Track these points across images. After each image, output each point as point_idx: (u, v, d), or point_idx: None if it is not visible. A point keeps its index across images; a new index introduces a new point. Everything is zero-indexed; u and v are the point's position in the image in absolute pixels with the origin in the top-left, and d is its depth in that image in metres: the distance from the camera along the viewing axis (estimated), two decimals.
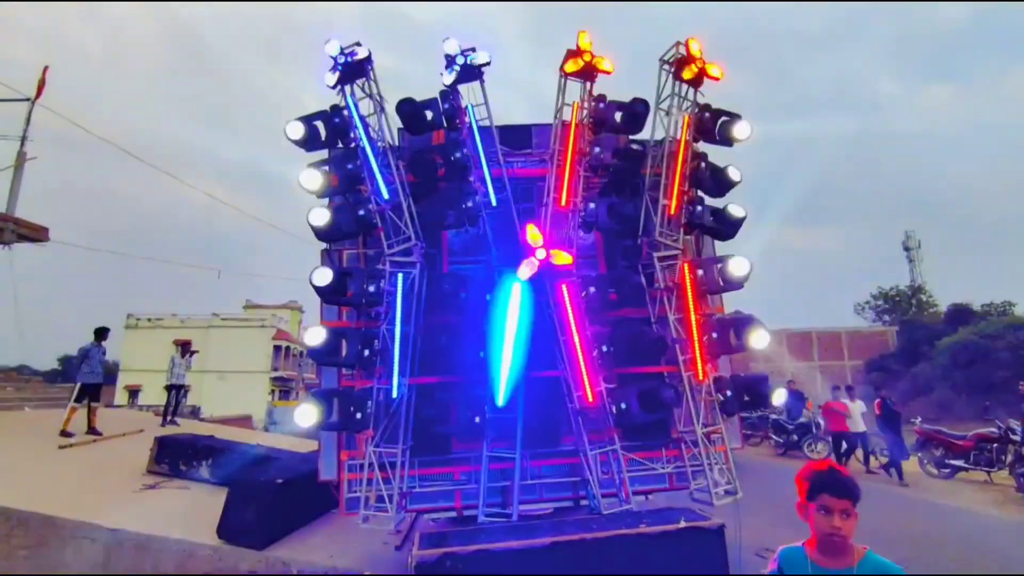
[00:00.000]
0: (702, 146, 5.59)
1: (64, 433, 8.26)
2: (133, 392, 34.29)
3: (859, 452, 11.37)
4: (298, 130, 4.97)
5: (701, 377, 4.99)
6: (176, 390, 11.10)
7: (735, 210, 5.39)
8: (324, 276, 4.67)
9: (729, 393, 5.07)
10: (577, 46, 5.12)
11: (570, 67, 5.15)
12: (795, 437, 13.64)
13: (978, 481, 9.57)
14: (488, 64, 5.07)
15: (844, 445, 11.21)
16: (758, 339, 4.82)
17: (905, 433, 12.01)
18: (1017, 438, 8.90)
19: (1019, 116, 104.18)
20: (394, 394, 4.63)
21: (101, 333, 8.98)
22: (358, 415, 4.64)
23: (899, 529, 6.63)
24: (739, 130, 5.34)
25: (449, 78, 4.99)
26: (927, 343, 25.65)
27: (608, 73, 5.16)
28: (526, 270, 4.66)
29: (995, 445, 9.50)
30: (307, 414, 4.52)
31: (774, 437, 14.47)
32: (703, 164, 5.48)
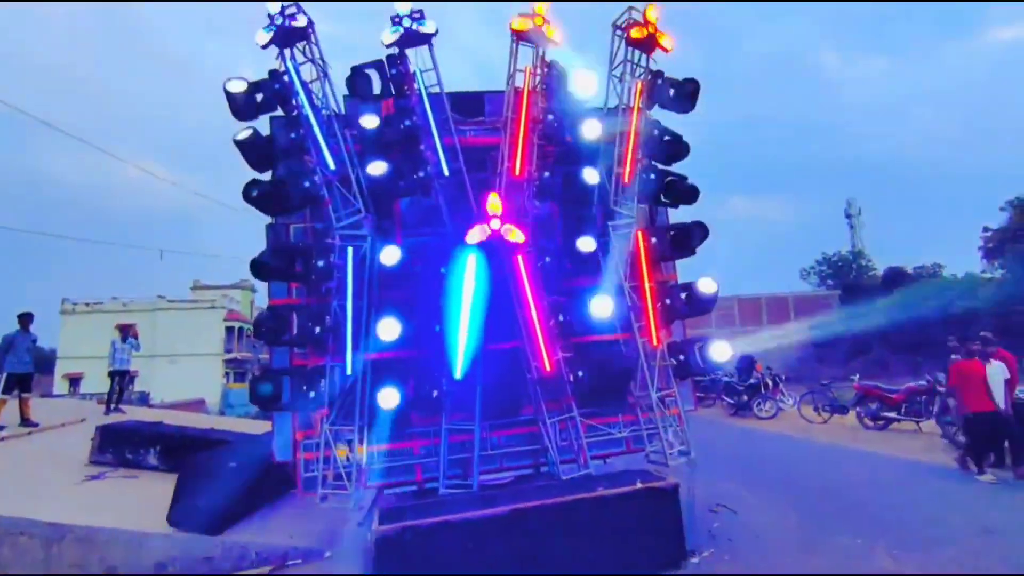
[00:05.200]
0: (655, 113, 5.58)
1: None
2: (74, 380, 32.58)
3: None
4: (238, 86, 4.69)
5: (655, 343, 5.09)
6: (120, 376, 10.57)
7: (688, 184, 5.44)
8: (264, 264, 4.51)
9: (682, 357, 5.20)
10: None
11: (518, 24, 5.03)
12: (745, 398, 14.33)
13: (908, 431, 10.29)
14: (435, 34, 4.87)
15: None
16: (706, 285, 5.04)
17: (848, 390, 12.66)
18: (943, 389, 9.58)
19: (950, 86, 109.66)
20: (348, 371, 4.52)
21: (26, 319, 8.39)
22: (311, 394, 4.53)
23: (834, 477, 7.09)
24: (690, 97, 5.35)
25: (391, 37, 4.78)
26: (866, 305, 27.17)
27: (557, 44, 5.07)
28: (477, 234, 4.59)
29: (924, 397, 10.21)
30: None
31: (726, 399, 15.14)
32: (656, 131, 5.48)
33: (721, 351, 5.06)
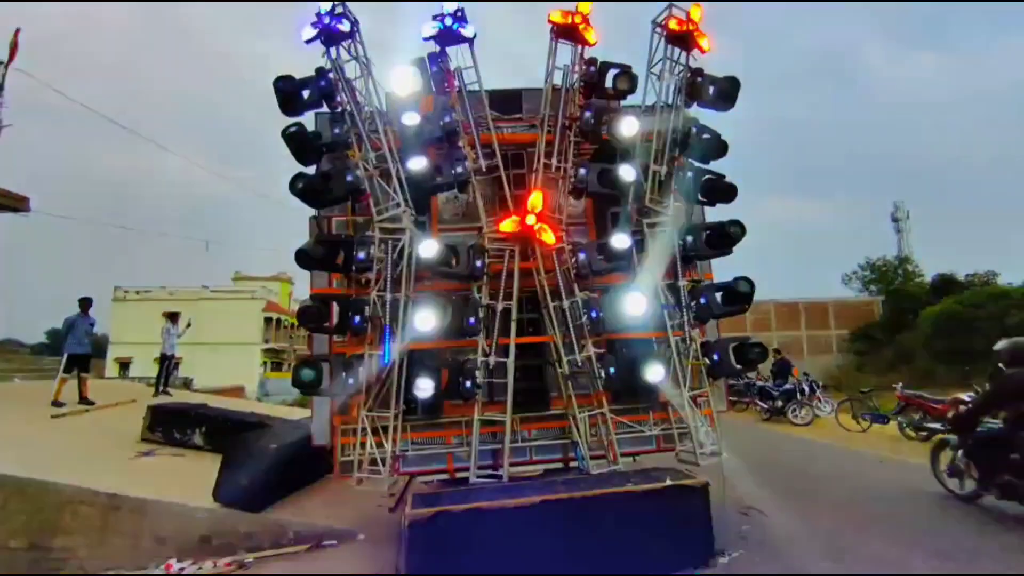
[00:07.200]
0: (694, 111, 5.55)
1: (56, 403, 8.27)
2: (124, 364, 34.27)
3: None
4: (285, 82, 4.92)
5: (689, 342, 5.07)
6: (167, 360, 11.12)
7: (726, 182, 5.38)
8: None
9: (716, 357, 5.16)
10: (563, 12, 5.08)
11: (556, 17, 5.13)
12: (780, 403, 13.97)
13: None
14: (473, 38, 5.00)
15: None
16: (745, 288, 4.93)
17: (889, 399, 12.17)
18: None
19: (1004, 85, 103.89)
20: (386, 359, 4.66)
21: (85, 303, 8.91)
22: (350, 380, 4.69)
23: (872, 486, 6.88)
24: (730, 96, 5.30)
25: (430, 30, 5.02)
26: (911, 312, 26.05)
27: (592, 44, 5.15)
28: (509, 225, 4.78)
29: None
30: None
31: (760, 403, 14.81)
32: (694, 129, 5.44)
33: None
